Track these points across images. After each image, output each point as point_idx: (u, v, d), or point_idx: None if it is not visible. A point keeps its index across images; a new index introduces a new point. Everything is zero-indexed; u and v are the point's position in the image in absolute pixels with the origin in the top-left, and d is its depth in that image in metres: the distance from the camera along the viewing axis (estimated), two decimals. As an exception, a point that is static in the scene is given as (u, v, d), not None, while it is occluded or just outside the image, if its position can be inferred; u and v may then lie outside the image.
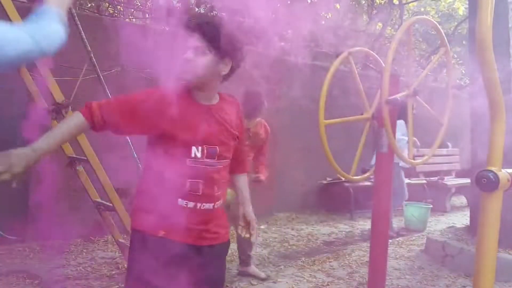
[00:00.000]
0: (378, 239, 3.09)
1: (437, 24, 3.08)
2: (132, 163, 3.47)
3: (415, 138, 5.59)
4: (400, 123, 5.46)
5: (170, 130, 1.64)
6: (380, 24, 9.30)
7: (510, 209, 4.11)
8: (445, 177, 7.69)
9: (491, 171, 1.31)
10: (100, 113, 1.59)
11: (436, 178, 7.47)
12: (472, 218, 4.87)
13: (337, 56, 3.04)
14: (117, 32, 1.73)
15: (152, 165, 1.69)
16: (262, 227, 5.51)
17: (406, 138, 5.21)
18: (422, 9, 10.51)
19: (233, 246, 3.82)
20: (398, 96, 2.67)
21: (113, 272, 3.61)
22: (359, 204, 6.93)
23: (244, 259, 3.85)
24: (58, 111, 3.06)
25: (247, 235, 1.87)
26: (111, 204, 3.21)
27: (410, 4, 9.90)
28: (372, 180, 3.32)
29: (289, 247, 4.84)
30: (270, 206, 6.14)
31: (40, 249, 4.03)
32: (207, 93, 1.71)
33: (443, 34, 3.04)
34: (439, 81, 9.92)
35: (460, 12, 10.54)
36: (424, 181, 7.52)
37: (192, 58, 1.61)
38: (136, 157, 3.34)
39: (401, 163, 5.57)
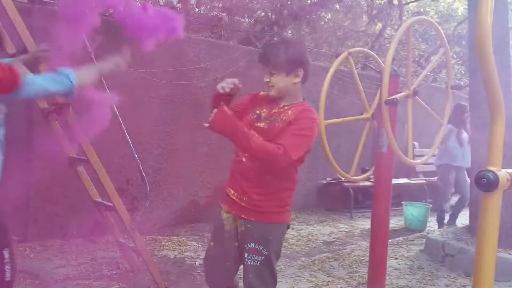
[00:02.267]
0: (378, 239, 3.10)
1: (437, 25, 3.10)
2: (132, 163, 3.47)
3: None
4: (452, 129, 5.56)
5: None
6: (380, 24, 9.30)
7: (510, 209, 4.14)
8: (445, 177, 7.68)
9: (491, 171, 1.31)
10: None
11: (436, 178, 7.47)
12: (472, 218, 4.88)
13: (337, 56, 3.05)
14: (118, 32, 1.74)
15: None
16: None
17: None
18: (422, 10, 10.51)
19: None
20: (398, 96, 2.68)
21: (114, 272, 3.61)
22: (359, 204, 6.94)
23: None
24: (58, 111, 3.06)
25: None
26: (111, 204, 3.21)
27: (410, 5, 9.91)
28: (372, 180, 3.33)
29: (289, 247, 4.84)
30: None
31: (40, 249, 4.03)
32: None
33: (443, 35, 3.06)
34: (439, 81, 9.93)
35: (460, 13, 10.55)
36: (424, 181, 7.52)
37: None
38: (137, 157, 3.35)
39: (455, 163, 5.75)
